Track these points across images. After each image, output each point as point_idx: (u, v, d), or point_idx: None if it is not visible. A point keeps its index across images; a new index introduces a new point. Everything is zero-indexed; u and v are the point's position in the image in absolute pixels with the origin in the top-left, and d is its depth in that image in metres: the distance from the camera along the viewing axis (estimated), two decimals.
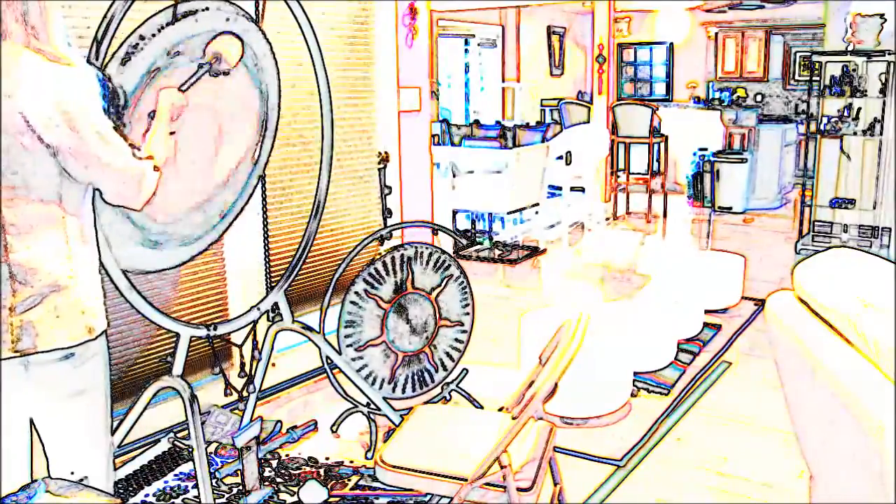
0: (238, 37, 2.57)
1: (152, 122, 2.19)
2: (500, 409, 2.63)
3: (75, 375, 1.85)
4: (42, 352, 1.78)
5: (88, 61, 2.35)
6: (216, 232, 2.84)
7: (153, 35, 2.43)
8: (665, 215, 8.97)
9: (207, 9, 2.56)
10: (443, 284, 3.54)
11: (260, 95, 2.83)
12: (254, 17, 2.74)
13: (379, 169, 4.51)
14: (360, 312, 3.33)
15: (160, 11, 2.45)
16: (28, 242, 1.76)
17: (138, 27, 2.41)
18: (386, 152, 4.53)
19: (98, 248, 2.00)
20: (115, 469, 2.17)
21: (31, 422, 1.88)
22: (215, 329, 2.91)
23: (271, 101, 2.88)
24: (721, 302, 5.26)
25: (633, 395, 3.91)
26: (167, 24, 2.45)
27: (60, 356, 1.81)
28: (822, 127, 7.04)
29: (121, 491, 3.04)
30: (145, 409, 2.85)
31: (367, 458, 3.34)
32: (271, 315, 3.13)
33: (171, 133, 2.17)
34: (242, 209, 2.91)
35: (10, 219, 1.73)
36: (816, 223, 7.27)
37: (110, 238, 2.42)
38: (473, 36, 11.47)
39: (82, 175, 1.82)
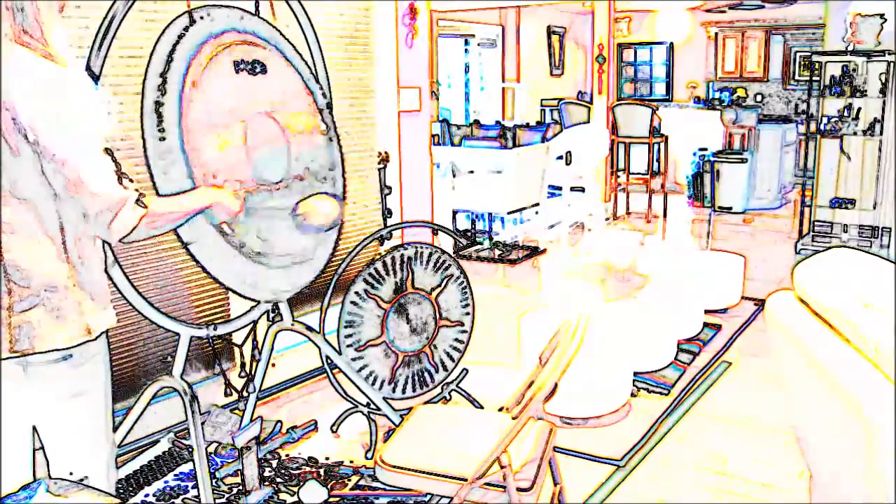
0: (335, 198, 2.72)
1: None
2: (500, 409, 2.63)
3: (74, 376, 1.84)
4: (40, 352, 1.77)
5: (88, 67, 2.35)
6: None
7: (170, 61, 2.42)
8: (665, 215, 8.97)
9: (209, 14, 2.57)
10: (443, 284, 3.54)
11: (301, 77, 2.85)
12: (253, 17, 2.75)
13: (379, 169, 4.50)
14: (360, 312, 3.33)
15: (173, 21, 2.44)
16: (23, 242, 1.74)
17: (148, 62, 2.41)
18: (386, 152, 4.53)
19: (104, 248, 1.97)
20: (117, 468, 2.16)
21: (32, 422, 1.88)
22: (216, 329, 2.91)
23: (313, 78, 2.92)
24: (721, 302, 5.26)
25: (633, 395, 3.91)
26: (185, 29, 2.46)
27: (59, 357, 1.80)
28: (822, 127, 7.04)
29: (121, 491, 3.04)
30: (145, 409, 2.85)
31: (367, 458, 3.34)
32: (271, 315, 3.13)
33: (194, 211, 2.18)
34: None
35: (5, 218, 1.71)
36: (816, 223, 7.27)
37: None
38: (473, 36, 11.46)
39: (60, 188, 1.74)
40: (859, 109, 6.97)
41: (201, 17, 2.50)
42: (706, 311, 4.93)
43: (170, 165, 2.42)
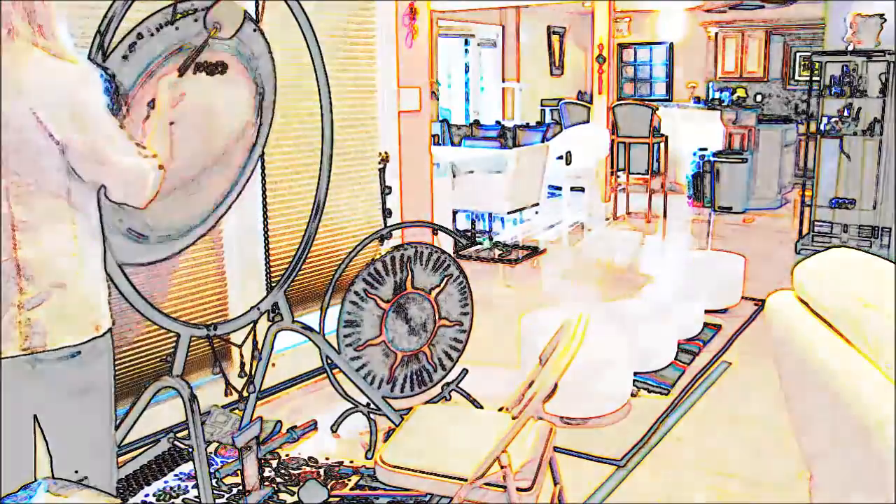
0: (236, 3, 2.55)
1: (152, 111, 2.17)
2: (500, 409, 2.62)
3: (82, 373, 1.85)
4: (50, 350, 1.78)
5: (90, 59, 2.36)
6: (205, 225, 2.82)
7: (151, 34, 2.42)
8: (665, 215, 8.97)
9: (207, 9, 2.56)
10: (442, 284, 3.55)
11: (255, 85, 2.82)
12: (254, 16, 2.75)
13: (379, 169, 4.50)
14: (360, 312, 3.33)
15: (160, 10, 2.44)
16: (37, 239, 1.77)
17: (138, 25, 2.40)
18: (386, 152, 4.53)
19: (104, 244, 1.99)
20: (118, 467, 2.16)
21: (36, 419, 1.88)
22: (215, 329, 2.90)
23: (267, 94, 2.87)
24: (721, 302, 5.26)
25: (633, 395, 3.91)
26: (166, 24, 2.45)
27: (68, 354, 1.81)
28: (822, 127, 7.04)
29: (121, 491, 3.04)
30: (145, 409, 2.85)
31: (367, 458, 3.34)
32: (271, 315, 3.13)
33: (171, 124, 2.15)
34: (236, 198, 2.87)
35: (20, 215, 1.74)
36: (816, 223, 7.27)
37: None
38: (473, 36, 11.47)
39: (89, 173, 1.82)
40: (859, 109, 6.97)
41: (183, 16, 2.48)
42: (706, 311, 4.93)
43: None
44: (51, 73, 1.73)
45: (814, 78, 7.15)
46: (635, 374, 3.99)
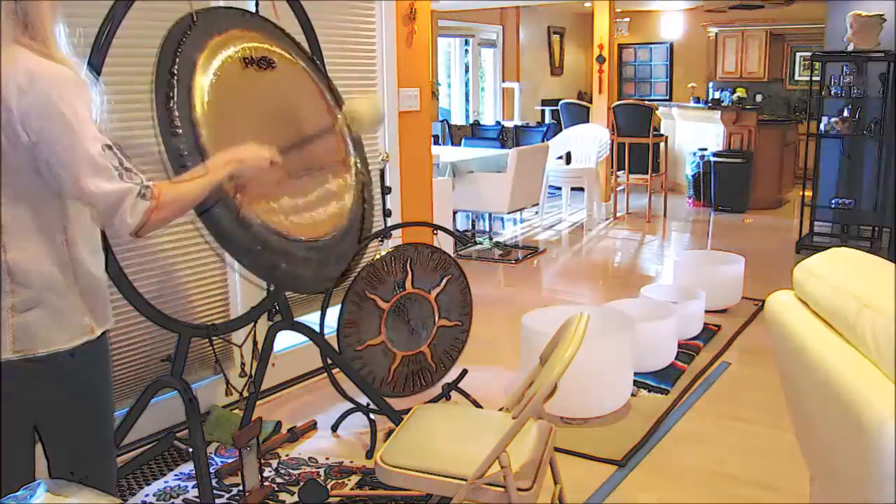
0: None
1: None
2: (500, 409, 2.63)
3: (77, 376, 1.84)
4: (42, 353, 1.77)
5: (90, 63, 2.35)
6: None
7: (177, 63, 2.40)
8: (665, 215, 8.97)
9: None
10: (442, 284, 3.55)
11: (308, 75, 2.85)
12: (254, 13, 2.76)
13: (379, 169, 4.50)
14: (360, 312, 3.33)
15: (177, 23, 2.43)
16: (24, 243, 1.73)
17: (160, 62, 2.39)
18: (386, 153, 4.53)
19: (107, 248, 1.96)
20: (118, 467, 2.16)
21: (33, 422, 1.88)
22: (215, 329, 2.90)
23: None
24: (721, 302, 5.26)
25: (633, 395, 3.91)
26: (189, 29, 2.44)
27: (61, 357, 1.80)
28: (822, 127, 7.04)
29: (121, 491, 3.04)
30: (144, 408, 2.85)
31: (367, 458, 3.34)
32: (271, 315, 3.13)
33: (233, 180, 2.08)
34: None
35: (4, 217, 1.70)
36: (816, 223, 7.27)
37: None
38: (473, 36, 11.47)
39: (62, 183, 1.71)
40: (859, 109, 6.97)
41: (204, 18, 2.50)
42: (706, 311, 4.94)
43: (186, 162, 2.36)
44: (26, 71, 1.67)
45: (814, 78, 7.15)
46: (635, 374, 3.99)
